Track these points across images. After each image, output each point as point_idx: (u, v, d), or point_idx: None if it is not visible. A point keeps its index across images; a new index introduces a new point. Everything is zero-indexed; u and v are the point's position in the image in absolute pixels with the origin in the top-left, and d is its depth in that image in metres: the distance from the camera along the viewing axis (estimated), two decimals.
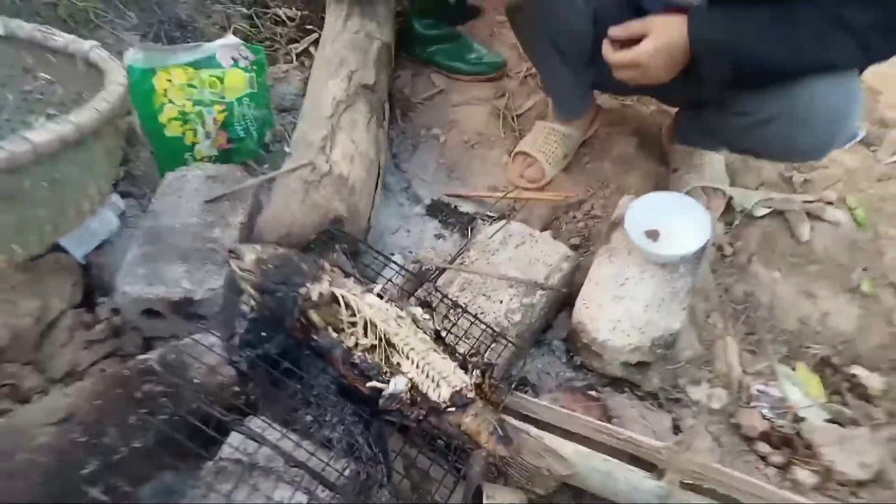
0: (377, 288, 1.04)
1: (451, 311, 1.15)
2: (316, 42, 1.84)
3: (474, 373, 0.99)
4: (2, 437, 0.89)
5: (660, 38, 1.09)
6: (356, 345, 0.96)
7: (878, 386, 1.33)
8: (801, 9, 1.03)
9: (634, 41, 1.12)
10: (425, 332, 1.01)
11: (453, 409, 0.92)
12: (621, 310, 1.19)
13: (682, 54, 1.09)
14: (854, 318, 1.41)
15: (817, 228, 1.54)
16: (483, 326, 1.13)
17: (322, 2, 1.91)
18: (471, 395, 0.94)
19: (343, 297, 0.98)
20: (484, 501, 0.92)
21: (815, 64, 1.07)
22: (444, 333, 1.03)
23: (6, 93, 1.25)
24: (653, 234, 1.26)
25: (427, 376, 0.95)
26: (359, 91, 1.44)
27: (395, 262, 1.22)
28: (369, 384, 0.93)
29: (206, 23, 1.79)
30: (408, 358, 0.96)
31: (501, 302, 1.19)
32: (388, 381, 0.93)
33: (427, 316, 1.04)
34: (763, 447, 1.25)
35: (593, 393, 1.20)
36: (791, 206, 1.55)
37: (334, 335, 0.96)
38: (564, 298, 1.30)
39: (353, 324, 0.97)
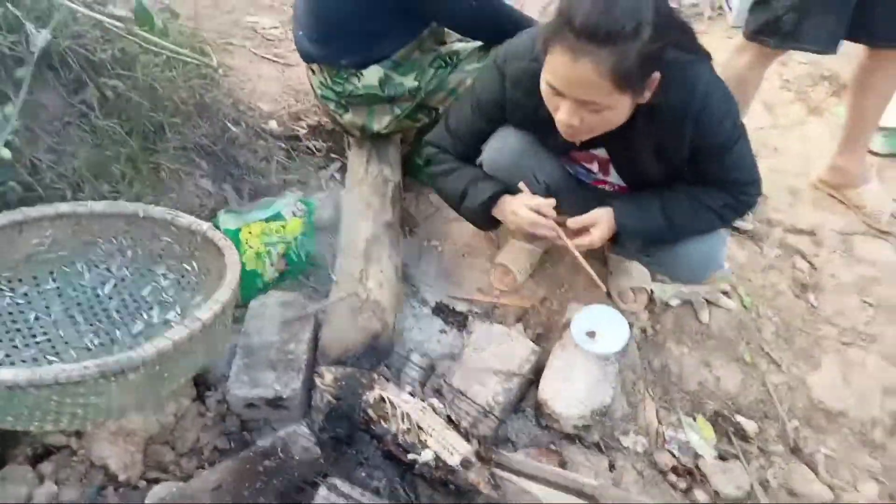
0: (407, 387, 1.60)
1: (455, 396, 1.70)
2: (340, 169, 2.40)
3: (474, 441, 1.54)
4: (181, 501, 1.43)
5: (604, 228, 1.64)
6: (398, 429, 1.51)
7: (753, 430, 1.90)
8: (679, 200, 1.62)
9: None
10: (441, 417, 1.56)
11: (462, 469, 1.47)
12: (570, 390, 1.75)
13: (612, 231, 1.66)
14: (738, 381, 1.98)
15: (714, 313, 2.11)
16: (478, 407, 1.68)
17: (341, 135, 2.48)
18: (473, 459, 1.49)
19: (388, 398, 1.53)
20: None
21: (692, 233, 1.66)
22: (452, 417, 1.59)
23: (138, 249, 1.79)
24: (591, 334, 1.83)
25: (445, 448, 1.49)
26: (382, 229, 1.99)
27: (413, 362, 1.78)
28: (409, 456, 1.47)
29: (254, 159, 2.33)
30: (431, 436, 1.51)
31: (490, 387, 1.74)
32: (421, 453, 1.47)
33: (441, 405, 1.60)
34: (672, 477, 1.80)
35: (554, 446, 1.75)
36: (696, 297, 2.12)
37: (384, 424, 1.51)
38: (533, 379, 1.85)
39: (395, 415, 1.52)
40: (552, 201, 1.65)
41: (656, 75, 1.37)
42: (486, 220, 1.79)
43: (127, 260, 1.80)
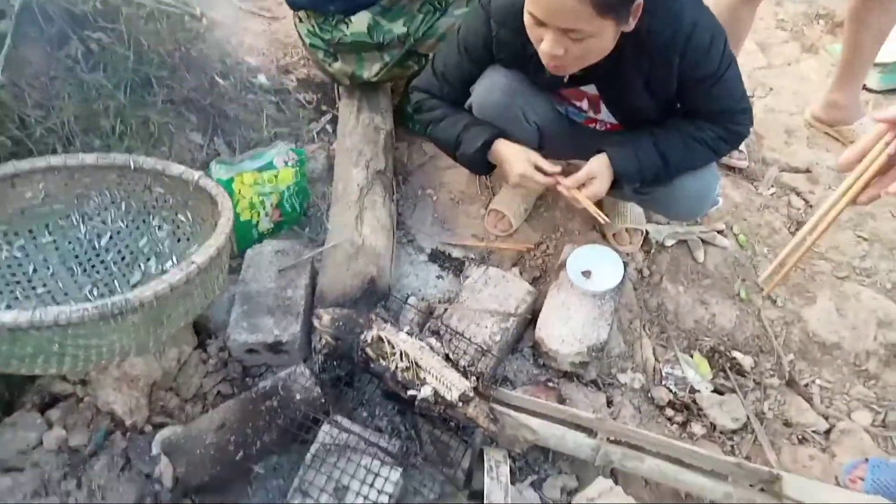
0: (406, 328, 1.61)
1: (453, 337, 1.72)
2: (331, 121, 2.38)
3: (472, 378, 1.56)
4: (186, 441, 1.46)
5: (604, 177, 1.64)
6: (397, 367, 1.52)
7: (749, 364, 1.92)
8: (672, 137, 1.62)
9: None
10: (439, 355, 1.58)
11: (461, 404, 1.49)
12: (567, 328, 1.76)
13: (612, 178, 1.66)
14: (734, 318, 2.00)
15: (710, 252, 2.12)
16: (475, 346, 1.70)
17: (331, 86, 2.46)
18: (471, 394, 1.50)
19: (386, 338, 1.54)
20: (485, 459, 1.49)
21: (687, 169, 1.66)
22: (451, 355, 1.60)
23: (132, 201, 1.79)
24: (587, 274, 1.84)
25: (443, 384, 1.50)
26: (375, 177, 1.98)
27: (411, 305, 1.79)
28: (409, 393, 1.49)
29: (244, 113, 2.31)
30: (430, 373, 1.52)
31: (487, 327, 1.76)
32: (420, 389, 1.49)
33: (439, 344, 1.61)
34: (669, 412, 1.83)
35: (552, 384, 1.77)
36: (691, 236, 2.12)
37: (383, 363, 1.52)
38: (530, 319, 1.87)
39: (393, 354, 1.54)
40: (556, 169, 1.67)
41: (639, 1, 1.35)
42: (482, 166, 1.78)
43: (121, 212, 1.80)
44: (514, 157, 1.68)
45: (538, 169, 1.66)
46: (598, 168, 1.65)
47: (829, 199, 1.12)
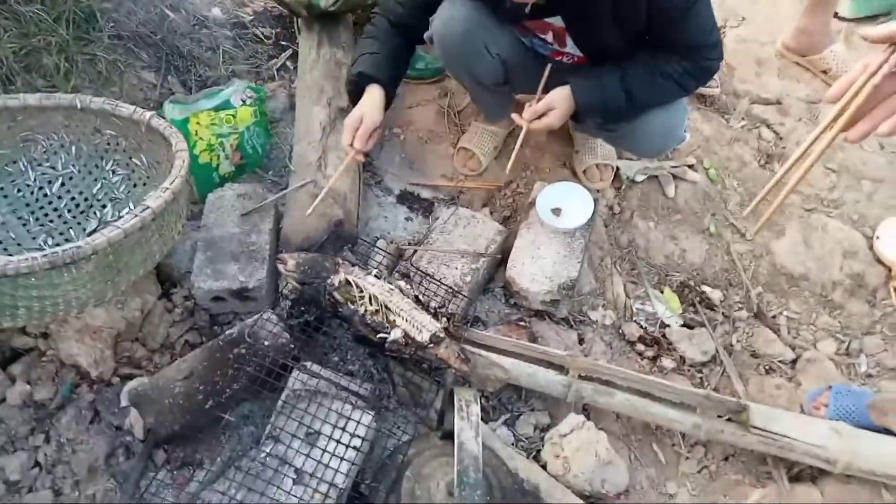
0: (374, 271, 1.58)
1: (423, 279, 1.69)
2: (291, 57, 2.28)
3: (443, 319, 1.54)
4: (152, 390, 1.42)
5: (562, 108, 1.59)
6: (366, 311, 1.49)
7: (718, 298, 1.94)
8: (638, 71, 1.56)
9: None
10: (408, 298, 1.55)
11: (432, 345, 1.47)
12: (537, 266, 1.75)
13: (572, 110, 1.61)
14: (703, 252, 2.01)
15: (680, 187, 2.10)
16: (446, 287, 1.68)
17: (289, 20, 2.34)
18: (442, 335, 1.49)
19: (354, 281, 1.51)
20: (455, 399, 1.49)
21: (653, 104, 1.62)
22: (421, 297, 1.58)
23: (82, 145, 1.70)
24: (556, 211, 1.81)
25: (414, 326, 1.49)
26: (337, 115, 1.91)
27: (379, 248, 1.76)
28: (378, 335, 1.47)
29: (199, 49, 2.20)
30: (400, 316, 1.50)
31: (457, 268, 1.73)
32: (390, 332, 1.47)
33: (408, 286, 1.59)
34: (640, 347, 1.84)
35: (523, 322, 1.77)
36: (661, 171, 2.10)
37: (351, 306, 1.49)
38: (500, 259, 1.85)
39: (362, 297, 1.51)
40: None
41: None
42: (352, 95, 1.73)
43: (72, 157, 1.71)
44: (357, 107, 1.66)
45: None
46: (557, 99, 1.59)
47: (814, 131, 1.07)
